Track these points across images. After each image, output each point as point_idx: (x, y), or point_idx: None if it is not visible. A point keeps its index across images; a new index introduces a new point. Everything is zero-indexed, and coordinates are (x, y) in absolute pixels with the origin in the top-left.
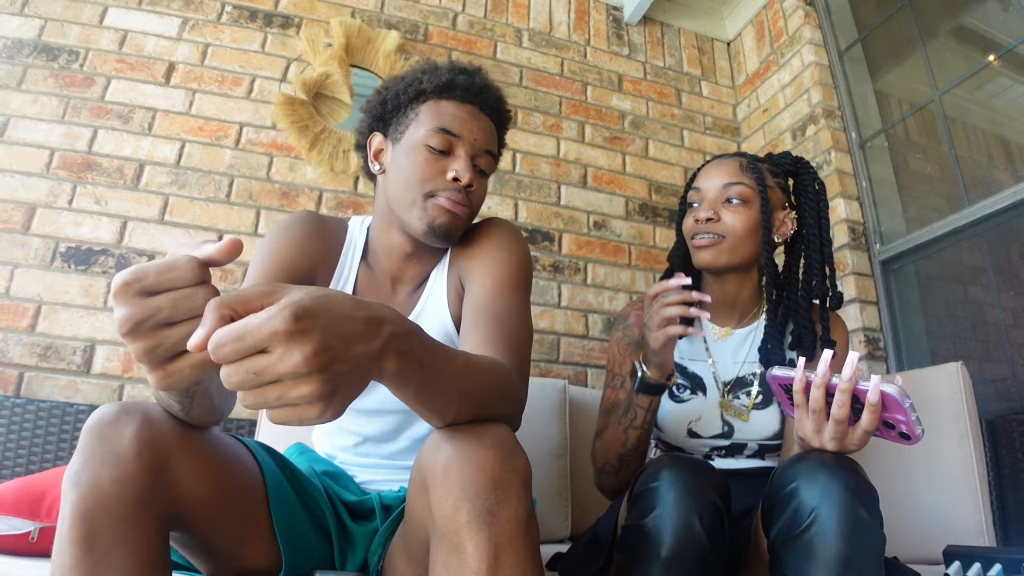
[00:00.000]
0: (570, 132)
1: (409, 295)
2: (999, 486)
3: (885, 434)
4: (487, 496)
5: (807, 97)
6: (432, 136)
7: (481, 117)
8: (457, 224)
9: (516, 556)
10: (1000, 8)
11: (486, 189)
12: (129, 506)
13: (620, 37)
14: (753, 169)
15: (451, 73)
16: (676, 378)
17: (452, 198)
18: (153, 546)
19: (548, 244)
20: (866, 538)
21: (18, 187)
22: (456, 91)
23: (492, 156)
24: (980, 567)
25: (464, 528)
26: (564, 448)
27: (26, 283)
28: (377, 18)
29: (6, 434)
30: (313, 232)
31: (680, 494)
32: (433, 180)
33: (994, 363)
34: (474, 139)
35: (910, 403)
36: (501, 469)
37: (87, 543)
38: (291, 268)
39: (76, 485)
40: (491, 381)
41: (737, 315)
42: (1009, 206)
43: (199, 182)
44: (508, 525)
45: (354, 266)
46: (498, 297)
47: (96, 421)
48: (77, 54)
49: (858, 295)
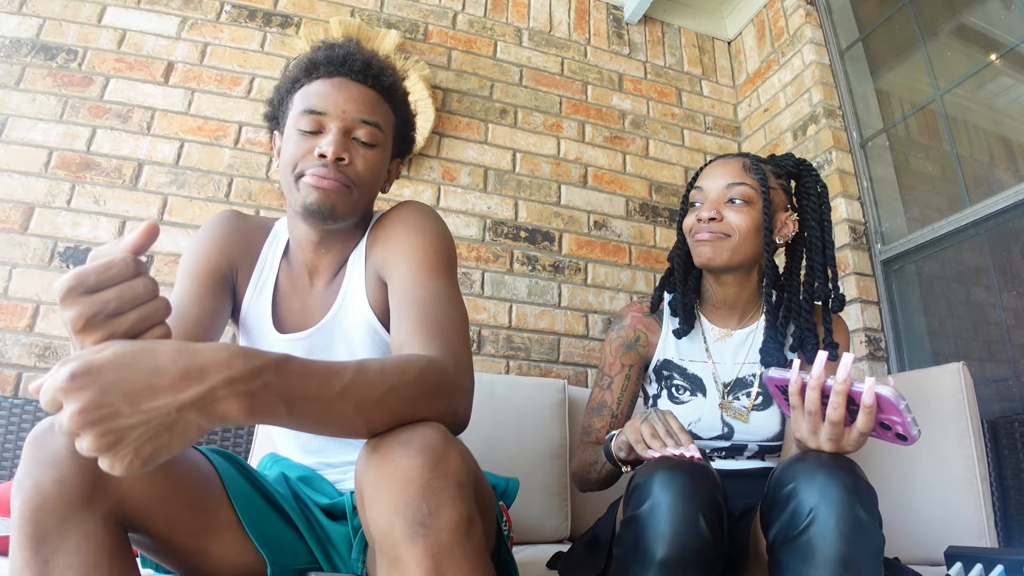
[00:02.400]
0: (570, 132)
1: (327, 286)
2: (1001, 487)
3: (882, 435)
4: (417, 507)
5: (808, 96)
6: (300, 119)
7: (351, 86)
8: (329, 200)
9: (456, 563)
10: (1002, 7)
11: (375, 161)
12: (71, 505)
13: (620, 36)
14: (756, 170)
15: (314, 52)
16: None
17: (317, 173)
18: (101, 543)
19: (548, 244)
20: (865, 538)
21: (16, 187)
22: (319, 68)
23: (372, 125)
24: (982, 568)
25: (400, 542)
26: (564, 448)
27: (24, 283)
28: (377, 17)
29: (4, 434)
30: (232, 231)
31: (681, 491)
32: (302, 160)
33: (996, 363)
34: (342, 111)
35: (905, 404)
36: (430, 476)
37: (34, 544)
38: (212, 271)
39: (20, 490)
40: (404, 380)
41: (737, 316)
42: (1010, 206)
43: (198, 182)
44: (444, 533)
45: (275, 263)
46: (417, 285)
47: (34, 432)
48: (76, 53)
49: (859, 295)
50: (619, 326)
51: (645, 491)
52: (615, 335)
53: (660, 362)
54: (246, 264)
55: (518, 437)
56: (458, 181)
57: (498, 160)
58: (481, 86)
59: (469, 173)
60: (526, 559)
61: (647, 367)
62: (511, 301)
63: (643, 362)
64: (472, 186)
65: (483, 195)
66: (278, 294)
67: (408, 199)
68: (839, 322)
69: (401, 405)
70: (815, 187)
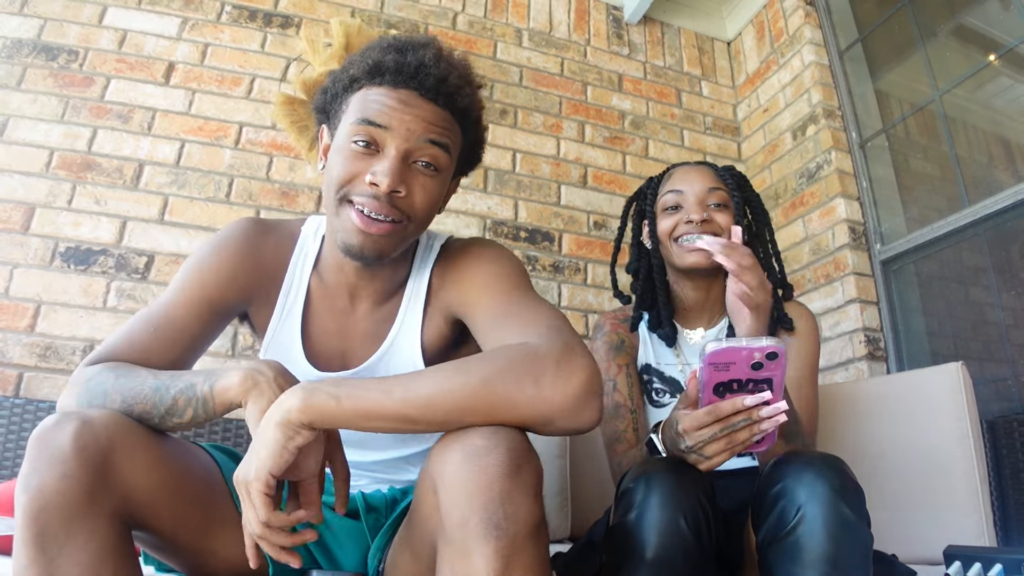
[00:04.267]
0: (570, 132)
1: (371, 313)
2: (999, 486)
3: (773, 401)
4: (495, 510)
5: (807, 97)
6: (355, 128)
7: (419, 103)
8: (377, 247)
9: (525, 565)
10: (1001, 8)
11: (436, 191)
12: (75, 503)
13: (620, 37)
14: (724, 177)
15: (381, 53)
16: None
17: (366, 208)
18: (106, 541)
19: (548, 244)
20: (853, 537)
21: (17, 187)
22: (385, 75)
23: (439, 147)
24: (981, 567)
25: (472, 538)
26: (564, 448)
27: (25, 283)
28: (377, 18)
29: (5, 434)
30: (248, 253)
31: (664, 496)
32: (351, 181)
33: (995, 363)
34: (406, 130)
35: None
36: (510, 484)
37: (39, 542)
38: (215, 301)
39: (25, 489)
40: (492, 364)
41: (706, 316)
42: (1009, 206)
43: (199, 182)
44: (517, 538)
45: (304, 278)
46: (504, 304)
47: (38, 429)
48: (76, 54)
49: (858, 295)
50: (600, 333)
51: (631, 498)
52: (600, 342)
53: (641, 366)
54: (267, 289)
55: None
56: None
57: (498, 160)
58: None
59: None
60: None
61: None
62: None
63: (634, 360)
64: (472, 186)
65: (483, 195)
66: (309, 314)
67: (476, 238)
68: (802, 309)
69: (483, 400)
70: (754, 193)
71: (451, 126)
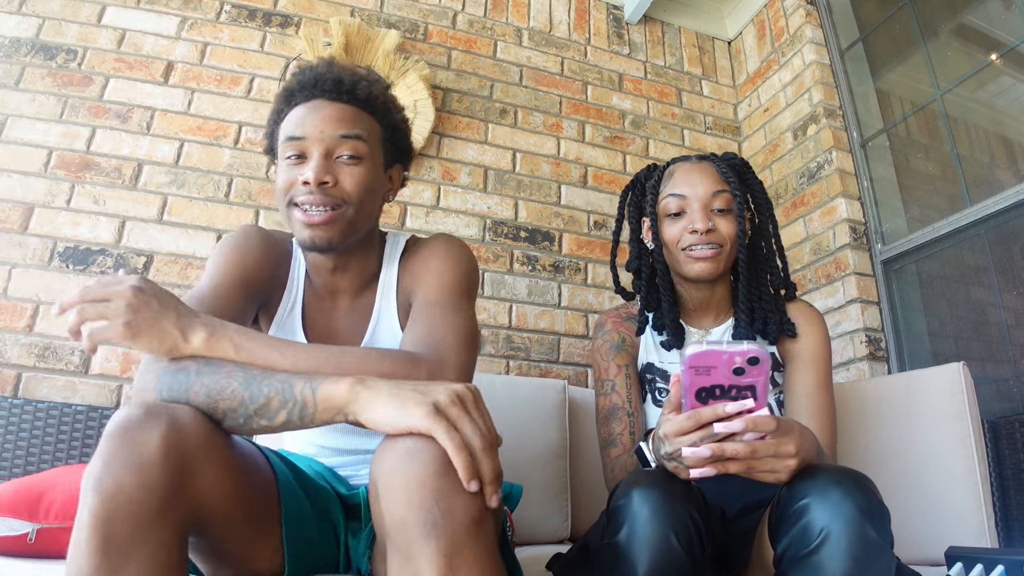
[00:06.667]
0: (570, 132)
1: (350, 308)
2: (1001, 487)
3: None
4: (431, 508)
5: (808, 96)
6: (284, 147)
7: (326, 106)
8: (325, 235)
9: (468, 561)
10: (1002, 7)
11: (364, 175)
12: (151, 512)
13: (620, 36)
14: (728, 174)
15: (290, 80)
16: None
17: (305, 203)
18: (172, 552)
19: (548, 244)
20: (876, 561)
21: (16, 187)
22: (296, 95)
23: (354, 138)
24: (982, 568)
25: (413, 540)
26: (564, 448)
27: (24, 283)
28: (376, 17)
29: (4, 435)
30: (266, 249)
31: (652, 512)
32: (291, 188)
33: (996, 363)
34: (320, 132)
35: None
36: (443, 481)
37: (105, 549)
38: (252, 281)
39: (98, 491)
40: (377, 366)
41: (712, 315)
42: (1011, 206)
43: (198, 182)
44: (456, 535)
45: (301, 281)
46: (432, 300)
47: (121, 424)
48: (75, 53)
49: (859, 295)
50: (602, 332)
51: (620, 516)
52: (601, 341)
53: (643, 365)
54: (277, 284)
55: (518, 437)
56: (458, 181)
57: (498, 160)
58: (481, 86)
59: (469, 173)
60: (526, 559)
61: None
62: (511, 301)
63: (634, 361)
64: (472, 186)
65: (483, 195)
66: (306, 313)
67: (441, 232)
68: (810, 309)
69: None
70: (757, 182)
71: (360, 117)
